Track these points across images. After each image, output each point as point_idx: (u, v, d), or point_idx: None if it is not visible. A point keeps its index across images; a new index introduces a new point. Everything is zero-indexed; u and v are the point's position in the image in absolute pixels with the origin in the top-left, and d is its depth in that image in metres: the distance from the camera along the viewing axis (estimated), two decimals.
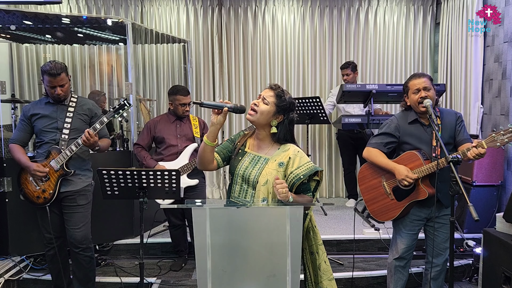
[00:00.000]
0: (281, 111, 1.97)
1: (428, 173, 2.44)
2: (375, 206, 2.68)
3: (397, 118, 2.65)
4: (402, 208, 2.56)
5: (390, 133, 2.61)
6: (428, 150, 2.52)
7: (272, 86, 1.99)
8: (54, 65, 2.76)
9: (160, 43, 5.44)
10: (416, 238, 2.68)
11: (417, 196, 2.51)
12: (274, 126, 1.97)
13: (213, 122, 1.91)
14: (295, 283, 1.68)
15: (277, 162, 1.95)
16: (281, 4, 5.57)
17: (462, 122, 2.60)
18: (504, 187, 4.07)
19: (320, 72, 5.61)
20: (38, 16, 4.13)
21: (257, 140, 2.04)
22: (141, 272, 2.73)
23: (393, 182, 2.59)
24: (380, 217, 2.68)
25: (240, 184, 2.00)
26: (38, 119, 2.88)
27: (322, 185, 5.69)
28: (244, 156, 2.02)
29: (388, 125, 2.65)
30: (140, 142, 3.51)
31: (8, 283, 3.27)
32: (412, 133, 2.57)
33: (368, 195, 2.71)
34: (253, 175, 1.95)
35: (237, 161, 2.02)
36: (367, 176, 2.72)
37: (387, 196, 2.62)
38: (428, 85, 2.51)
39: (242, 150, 2.04)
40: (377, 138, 2.67)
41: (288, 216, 1.66)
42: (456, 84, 4.84)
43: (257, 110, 1.94)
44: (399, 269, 2.70)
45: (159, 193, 2.73)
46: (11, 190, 3.38)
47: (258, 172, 1.94)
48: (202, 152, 1.97)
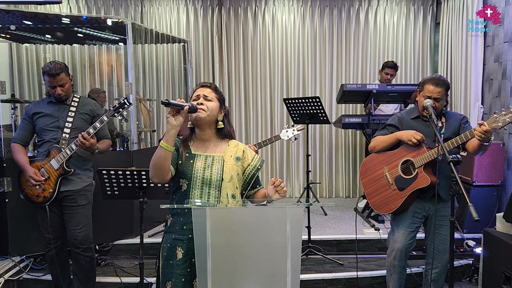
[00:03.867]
0: (222, 104, 1.99)
1: (430, 159, 2.47)
2: (376, 199, 2.70)
3: (401, 113, 2.76)
4: (404, 198, 2.57)
5: (393, 125, 2.70)
6: (431, 143, 2.57)
7: (204, 84, 1.96)
8: (54, 66, 2.77)
9: (160, 43, 5.44)
10: (414, 237, 2.68)
11: (420, 184, 2.52)
12: (220, 121, 1.96)
13: (173, 124, 1.75)
14: (295, 283, 1.67)
15: (233, 157, 1.96)
16: (281, 4, 5.57)
17: (467, 122, 2.66)
18: (504, 187, 4.07)
19: (320, 72, 5.61)
20: (38, 16, 4.13)
21: (201, 141, 1.96)
22: (141, 272, 2.73)
23: (395, 172, 2.62)
24: (381, 209, 2.70)
25: (200, 187, 1.90)
26: (39, 117, 2.88)
27: (322, 185, 5.70)
28: (194, 159, 1.92)
29: (392, 119, 2.76)
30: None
31: (8, 283, 3.27)
32: (414, 127, 2.62)
33: (370, 188, 2.74)
34: (214, 175, 1.90)
35: (189, 165, 1.91)
36: (370, 168, 2.75)
37: (389, 187, 2.64)
38: (440, 96, 2.54)
39: (189, 154, 1.93)
40: (381, 131, 2.77)
41: (288, 216, 1.66)
42: (456, 84, 4.85)
43: (205, 108, 1.89)
44: (398, 269, 2.70)
45: (159, 193, 2.73)
46: (11, 190, 3.38)
47: (219, 171, 1.91)
48: (161, 161, 1.78)
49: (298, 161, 5.65)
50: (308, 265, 3.56)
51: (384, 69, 4.84)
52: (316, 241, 3.84)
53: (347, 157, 5.71)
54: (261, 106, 5.62)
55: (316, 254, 3.71)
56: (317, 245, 3.80)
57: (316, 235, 3.97)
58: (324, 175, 5.69)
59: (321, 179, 5.69)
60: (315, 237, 3.89)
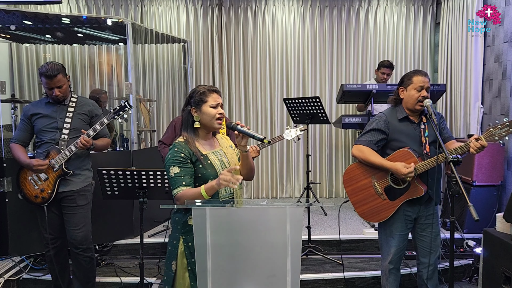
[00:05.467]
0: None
1: (427, 169, 2.42)
2: (365, 208, 2.61)
3: (385, 115, 2.58)
4: (397, 207, 2.52)
5: (380, 129, 2.53)
6: (417, 148, 2.50)
7: (218, 91, 2.07)
8: (51, 67, 2.75)
9: (160, 43, 5.44)
10: (407, 238, 2.65)
11: (415, 194, 2.48)
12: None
13: (231, 185, 1.81)
14: (295, 283, 1.68)
15: (228, 147, 2.14)
16: (281, 4, 5.57)
17: (444, 121, 2.64)
18: (504, 187, 4.07)
19: (320, 72, 5.61)
20: (38, 16, 4.13)
21: (203, 141, 2.06)
22: (141, 272, 2.73)
23: (385, 182, 2.55)
24: (371, 218, 2.62)
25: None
26: (38, 118, 2.88)
27: (322, 185, 5.71)
28: (207, 159, 2.00)
29: (378, 121, 2.57)
30: (164, 140, 3.47)
31: (8, 283, 3.27)
32: (402, 131, 2.53)
33: (357, 197, 2.63)
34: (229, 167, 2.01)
35: (208, 166, 1.98)
36: (355, 177, 2.63)
37: (379, 197, 2.56)
38: (429, 85, 2.51)
39: (203, 156, 1.99)
40: (368, 135, 2.57)
41: (288, 216, 1.66)
42: (456, 84, 4.85)
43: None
44: (393, 271, 2.67)
45: (159, 193, 2.73)
46: (11, 190, 3.38)
47: (229, 163, 2.06)
48: (194, 198, 1.87)
49: (298, 161, 5.65)
50: (308, 265, 3.56)
51: (380, 69, 4.84)
52: (316, 241, 3.84)
53: (347, 157, 5.70)
54: (261, 106, 5.62)
55: (316, 254, 3.71)
56: (317, 245, 3.80)
57: (316, 235, 3.97)
58: (324, 175, 5.69)
59: (321, 179, 5.69)
60: (315, 237, 3.89)
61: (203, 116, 1.99)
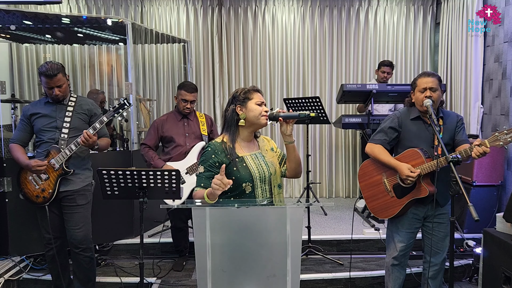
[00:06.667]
0: None
1: (429, 171, 2.44)
2: (375, 204, 2.68)
3: (400, 113, 2.66)
4: (402, 205, 2.56)
5: (394, 128, 2.62)
6: (428, 148, 2.52)
7: (259, 89, 2.06)
8: (51, 66, 2.75)
9: (160, 43, 5.44)
10: (414, 237, 2.68)
11: (418, 194, 2.51)
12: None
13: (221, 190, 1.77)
14: (295, 283, 1.68)
15: (268, 150, 2.10)
16: (281, 4, 5.57)
17: (462, 124, 2.62)
18: (504, 187, 4.07)
19: (320, 72, 5.61)
20: (38, 16, 4.13)
21: (243, 142, 2.04)
22: (141, 272, 2.73)
23: (393, 180, 2.59)
24: (380, 214, 2.68)
25: (260, 187, 1.99)
26: (37, 118, 2.88)
27: (322, 185, 5.71)
28: (243, 162, 1.97)
29: (392, 119, 2.65)
30: (147, 142, 3.48)
31: (8, 283, 3.27)
32: (413, 130, 2.57)
33: (369, 192, 2.71)
34: (266, 171, 2.01)
35: (243, 169, 1.96)
36: (369, 173, 2.72)
37: (387, 194, 2.62)
38: (435, 85, 2.50)
39: (239, 158, 1.97)
40: (381, 134, 2.65)
41: (288, 216, 1.66)
42: (456, 84, 4.85)
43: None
44: (397, 268, 2.71)
45: (159, 193, 2.73)
46: (11, 190, 3.38)
47: (266, 166, 2.03)
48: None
49: None
50: (308, 265, 3.56)
51: (380, 68, 4.85)
52: (316, 241, 3.84)
53: (347, 157, 5.71)
54: None
55: (316, 254, 3.71)
56: (317, 245, 3.80)
57: (316, 235, 3.97)
58: (324, 175, 5.70)
59: (321, 179, 5.69)
60: (315, 237, 3.89)
61: (249, 113, 1.98)
